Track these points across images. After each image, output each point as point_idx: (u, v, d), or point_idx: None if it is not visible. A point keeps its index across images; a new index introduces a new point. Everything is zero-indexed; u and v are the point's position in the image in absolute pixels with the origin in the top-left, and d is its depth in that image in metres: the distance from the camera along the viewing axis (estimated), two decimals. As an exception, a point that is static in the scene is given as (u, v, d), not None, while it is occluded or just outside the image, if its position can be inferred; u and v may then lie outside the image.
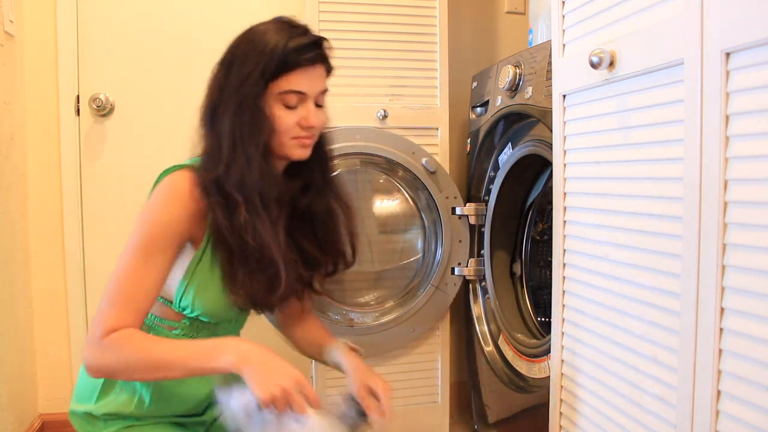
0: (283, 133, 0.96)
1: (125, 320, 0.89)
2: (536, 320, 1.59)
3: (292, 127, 0.96)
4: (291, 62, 0.93)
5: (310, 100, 0.96)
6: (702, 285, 0.73)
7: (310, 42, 0.94)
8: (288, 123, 0.95)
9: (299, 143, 0.98)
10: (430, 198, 1.66)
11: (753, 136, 0.66)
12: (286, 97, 0.94)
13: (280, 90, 0.94)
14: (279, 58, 0.92)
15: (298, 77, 0.94)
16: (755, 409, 0.66)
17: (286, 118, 0.95)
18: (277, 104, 0.95)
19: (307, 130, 0.97)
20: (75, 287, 1.74)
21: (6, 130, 1.55)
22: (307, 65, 0.94)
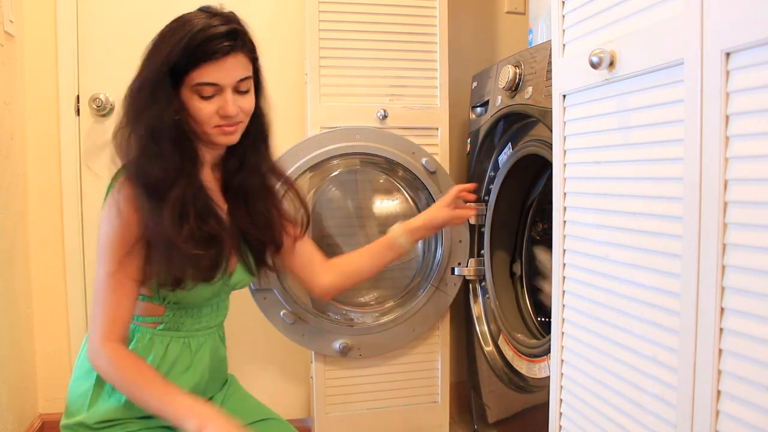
0: (204, 123, 0.98)
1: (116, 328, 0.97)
2: (536, 320, 1.59)
3: (211, 117, 0.98)
4: (200, 55, 0.94)
5: (227, 89, 0.98)
6: (702, 285, 0.73)
7: (222, 33, 0.95)
8: (206, 113, 0.97)
9: (221, 131, 1.00)
10: (430, 198, 1.66)
11: (753, 136, 0.66)
12: (200, 88, 0.96)
13: (193, 82, 0.96)
14: (185, 50, 0.94)
15: (209, 69, 0.95)
16: (755, 409, 0.66)
17: (204, 109, 0.97)
18: (193, 95, 0.97)
19: (226, 118, 0.99)
20: (75, 287, 1.74)
21: (6, 130, 1.55)
22: (218, 57, 0.95)
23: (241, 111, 1.01)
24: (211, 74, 0.96)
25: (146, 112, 0.95)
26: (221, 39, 0.95)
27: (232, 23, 0.98)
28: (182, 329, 1.05)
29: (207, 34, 0.94)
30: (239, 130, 1.03)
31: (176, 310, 1.04)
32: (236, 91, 0.99)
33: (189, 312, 1.06)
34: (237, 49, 0.97)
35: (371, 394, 1.71)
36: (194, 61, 0.95)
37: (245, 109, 1.02)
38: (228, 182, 1.10)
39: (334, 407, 1.67)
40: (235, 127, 1.02)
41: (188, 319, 1.06)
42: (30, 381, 1.71)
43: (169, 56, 0.95)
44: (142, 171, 0.95)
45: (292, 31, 1.83)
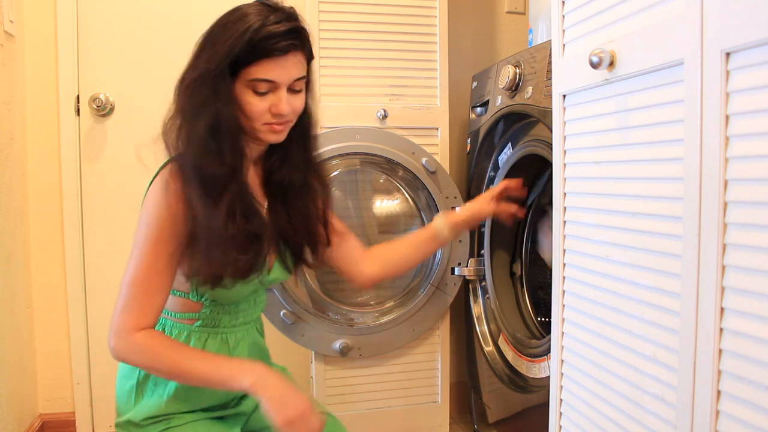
0: (255, 119, 0.97)
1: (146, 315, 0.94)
2: (536, 320, 1.59)
3: (263, 114, 0.96)
4: (261, 51, 0.93)
5: (282, 87, 0.96)
6: (702, 285, 0.73)
7: (284, 30, 0.93)
8: (258, 109, 0.96)
9: (270, 129, 0.98)
10: (430, 198, 1.66)
11: (753, 136, 0.66)
12: (256, 84, 0.94)
13: (250, 77, 0.94)
14: (248, 46, 0.92)
15: (268, 66, 0.93)
16: (755, 409, 0.66)
17: (256, 105, 0.95)
18: (247, 90, 0.95)
19: (277, 117, 0.97)
20: (75, 287, 1.74)
21: (6, 130, 1.55)
22: (278, 54, 0.93)
23: (292, 110, 0.99)
24: (270, 71, 0.94)
25: (206, 107, 0.93)
26: (284, 36, 0.93)
27: (295, 21, 0.96)
28: (219, 325, 1.05)
29: (270, 30, 0.92)
30: (287, 129, 1.01)
31: (213, 306, 1.03)
32: (290, 90, 0.98)
33: (226, 308, 1.05)
34: (297, 48, 0.96)
35: (371, 394, 1.71)
36: (254, 56, 0.93)
37: (296, 108, 1.00)
38: (269, 178, 1.08)
39: (334, 407, 1.67)
40: (284, 126, 1.00)
41: (225, 316, 1.05)
42: (30, 381, 1.71)
43: (230, 50, 0.92)
44: (199, 166, 0.93)
45: (292, 31, 1.82)
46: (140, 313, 0.93)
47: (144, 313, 0.94)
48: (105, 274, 1.76)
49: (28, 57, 1.70)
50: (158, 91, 1.77)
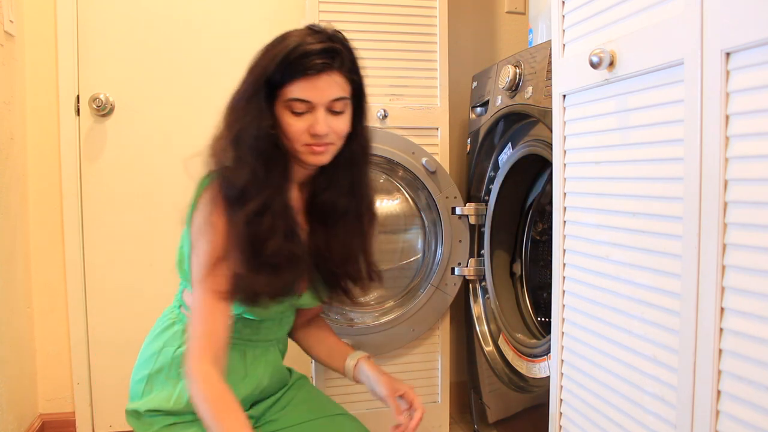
0: (294, 140, 0.96)
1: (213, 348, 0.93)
2: (536, 320, 1.59)
3: (301, 134, 0.96)
4: (294, 70, 0.93)
5: (319, 108, 0.95)
6: (702, 285, 0.73)
7: (319, 50, 0.93)
8: (296, 130, 0.95)
9: (310, 150, 0.97)
10: (430, 198, 1.66)
11: (753, 136, 0.66)
12: (292, 104, 0.94)
13: (287, 97, 0.94)
14: (280, 64, 0.93)
15: (301, 85, 0.93)
16: (755, 409, 0.66)
17: (294, 125, 0.95)
18: (286, 111, 0.95)
19: (316, 138, 0.96)
20: (75, 287, 1.74)
21: (6, 130, 1.55)
22: (312, 73, 0.93)
23: (333, 132, 0.97)
24: (303, 91, 0.93)
25: (244, 125, 0.94)
26: (316, 56, 0.93)
27: (331, 42, 0.95)
28: (241, 338, 1.05)
29: (303, 49, 0.92)
30: (330, 152, 0.99)
31: (238, 318, 1.03)
32: (329, 111, 0.96)
33: (248, 323, 1.05)
34: (332, 68, 0.94)
35: (371, 394, 1.70)
36: (288, 75, 0.93)
37: (338, 130, 0.98)
38: (312, 202, 1.06)
39: (334, 407, 1.67)
40: (325, 148, 0.98)
41: (247, 329, 1.05)
42: (30, 381, 1.71)
43: (266, 69, 0.93)
44: (235, 183, 0.93)
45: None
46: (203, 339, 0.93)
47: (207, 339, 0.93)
48: (105, 274, 1.76)
49: (28, 57, 1.70)
50: (158, 91, 1.78)
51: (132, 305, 1.77)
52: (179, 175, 1.81)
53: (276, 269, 0.95)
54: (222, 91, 1.00)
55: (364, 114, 1.05)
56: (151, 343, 1.07)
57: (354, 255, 1.08)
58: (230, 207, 0.94)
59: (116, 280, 1.76)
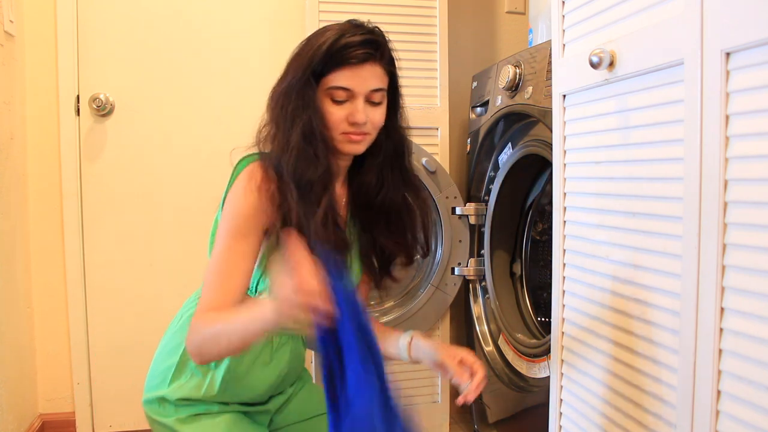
0: (333, 128, 0.99)
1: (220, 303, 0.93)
2: (536, 320, 1.59)
3: (340, 122, 0.98)
4: (338, 59, 0.96)
5: (359, 97, 0.98)
6: (702, 285, 0.73)
7: (361, 41, 0.97)
8: (336, 118, 0.98)
9: (348, 138, 1.00)
10: (430, 198, 1.66)
11: (753, 136, 0.66)
12: (333, 92, 0.98)
13: (328, 85, 0.97)
14: (325, 54, 0.96)
15: (344, 74, 0.97)
16: (755, 409, 0.66)
17: (334, 114, 0.98)
18: (326, 99, 0.98)
19: (354, 126, 0.99)
20: (75, 287, 1.74)
21: (6, 130, 1.55)
22: (354, 63, 0.96)
23: (370, 122, 1.00)
24: (346, 79, 0.97)
25: (298, 115, 0.97)
26: (358, 46, 0.97)
27: (372, 35, 1.00)
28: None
29: (346, 40, 0.97)
30: (366, 141, 1.02)
31: None
32: (368, 101, 1.00)
33: None
34: (374, 59, 0.98)
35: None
36: (331, 64, 0.96)
37: (374, 121, 1.01)
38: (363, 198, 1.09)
39: (334, 407, 1.67)
40: (362, 137, 1.01)
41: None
42: (30, 381, 1.71)
43: (312, 59, 0.97)
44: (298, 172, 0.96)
45: (293, 31, 1.82)
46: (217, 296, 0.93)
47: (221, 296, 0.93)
48: (105, 275, 1.76)
49: (28, 57, 1.70)
50: (158, 91, 1.78)
51: (132, 305, 1.77)
52: (179, 175, 1.82)
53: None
54: (222, 91, 1.00)
55: (399, 108, 1.09)
56: (178, 332, 1.08)
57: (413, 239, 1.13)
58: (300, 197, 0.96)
59: (116, 280, 1.76)
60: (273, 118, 1.01)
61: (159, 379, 1.05)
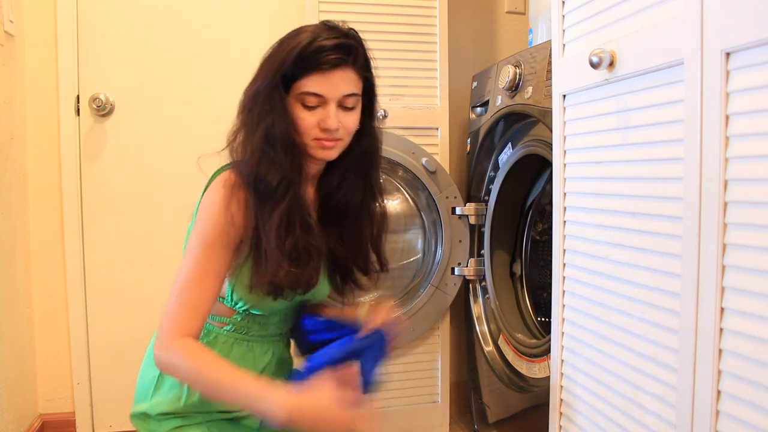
0: (304, 134, 0.97)
1: (192, 323, 0.93)
2: (536, 320, 1.59)
3: (312, 128, 0.97)
4: (309, 64, 0.94)
5: (331, 102, 0.96)
6: (702, 285, 0.73)
7: (334, 45, 0.94)
8: (307, 124, 0.96)
9: (320, 144, 0.98)
10: (430, 198, 1.66)
11: (753, 136, 0.66)
12: (304, 98, 0.96)
13: (299, 91, 0.95)
14: (297, 58, 0.94)
15: (315, 79, 0.95)
16: (755, 409, 0.66)
17: (306, 119, 0.96)
18: (297, 104, 0.96)
19: (326, 132, 0.97)
20: (75, 287, 1.74)
21: (6, 130, 1.55)
22: (326, 68, 0.94)
23: (343, 127, 0.98)
24: (317, 85, 0.95)
25: (262, 119, 0.95)
26: (330, 51, 0.94)
27: (347, 38, 0.97)
28: (248, 333, 1.05)
29: (318, 44, 0.94)
30: (338, 147, 1.01)
31: (245, 315, 1.04)
32: (341, 106, 0.97)
33: (257, 318, 1.05)
34: (346, 64, 0.96)
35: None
36: (303, 69, 0.94)
37: (347, 126, 0.99)
38: (324, 200, 1.08)
39: (334, 407, 1.67)
40: (334, 143, 0.99)
41: (255, 326, 1.05)
42: (30, 381, 1.71)
43: (282, 63, 0.95)
44: (258, 177, 0.94)
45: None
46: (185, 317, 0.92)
47: (189, 317, 0.92)
48: (105, 275, 1.76)
49: (28, 57, 1.70)
50: (158, 91, 1.78)
51: (132, 305, 1.77)
52: (179, 175, 1.82)
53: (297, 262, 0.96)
54: (222, 91, 1.00)
55: (373, 112, 1.06)
56: None
57: (366, 249, 1.10)
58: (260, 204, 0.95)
59: (116, 280, 1.76)
60: (241, 122, 0.99)
61: (142, 393, 1.04)
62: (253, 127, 0.96)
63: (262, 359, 1.08)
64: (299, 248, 0.96)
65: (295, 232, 0.95)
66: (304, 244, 0.97)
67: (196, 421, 1.01)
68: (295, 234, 0.95)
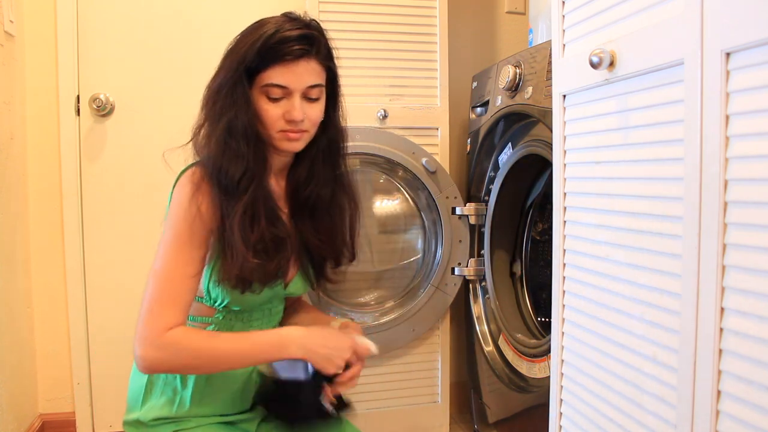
0: (270, 126, 0.97)
1: (175, 317, 0.92)
2: (536, 320, 1.59)
3: (277, 120, 0.96)
4: (273, 55, 0.93)
5: (295, 94, 0.96)
6: (702, 285, 0.73)
7: (297, 36, 0.94)
8: (272, 116, 0.96)
9: (285, 136, 0.98)
10: (430, 198, 1.66)
11: (753, 136, 0.66)
12: (269, 90, 0.95)
13: (263, 83, 0.95)
14: (259, 50, 0.93)
15: (279, 71, 0.94)
16: (755, 409, 0.66)
17: (270, 111, 0.96)
18: (262, 96, 0.96)
19: (291, 124, 0.97)
20: (75, 287, 1.74)
21: (6, 130, 1.55)
22: (290, 59, 0.94)
23: (308, 118, 0.98)
24: (281, 76, 0.94)
25: (225, 112, 0.95)
26: (294, 42, 0.94)
27: (308, 29, 0.96)
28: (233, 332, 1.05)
29: (280, 35, 0.93)
30: (304, 139, 1.00)
31: (226, 313, 1.03)
32: (305, 98, 0.97)
33: (239, 316, 1.04)
34: (310, 55, 0.95)
35: (371, 394, 1.71)
36: (267, 61, 0.94)
37: (312, 117, 0.99)
38: (294, 192, 1.07)
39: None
40: (300, 135, 0.99)
41: (238, 323, 1.05)
42: (30, 381, 1.71)
43: (245, 56, 0.94)
44: (221, 170, 0.94)
45: (292, 31, 1.83)
46: (167, 316, 0.91)
47: (171, 315, 0.91)
48: (105, 274, 1.76)
49: (28, 57, 1.70)
50: (158, 91, 1.78)
51: (132, 305, 1.76)
52: (179, 175, 1.81)
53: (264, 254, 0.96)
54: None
55: (337, 103, 1.07)
56: None
57: (340, 240, 1.10)
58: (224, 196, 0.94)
59: (116, 280, 1.76)
60: (204, 115, 0.98)
61: (133, 400, 1.03)
62: (216, 120, 0.96)
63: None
64: (265, 239, 0.96)
65: (260, 223, 0.95)
66: (270, 236, 0.96)
67: (191, 425, 1.00)
68: (260, 225, 0.95)
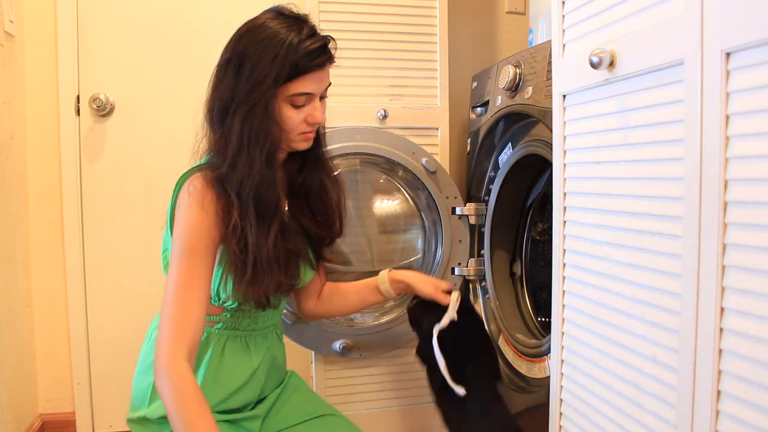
0: (291, 131, 1.00)
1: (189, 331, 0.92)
2: (536, 320, 1.59)
3: (299, 125, 1.00)
4: (303, 68, 0.96)
5: (317, 97, 1.01)
6: (702, 285, 0.73)
7: (320, 47, 0.97)
8: (296, 122, 0.99)
9: (304, 137, 1.03)
10: (430, 198, 1.66)
11: (753, 136, 0.66)
12: (295, 98, 0.98)
13: (291, 93, 0.97)
14: (292, 65, 0.95)
15: (308, 81, 0.97)
16: (755, 409, 0.66)
17: (294, 118, 0.99)
18: (286, 105, 0.98)
19: (312, 125, 1.02)
20: (75, 287, 1.74)
21: (6, 130, 1.55)
22: (318, 70, 0.98)
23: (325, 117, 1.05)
24: (309, 85, 0.98)
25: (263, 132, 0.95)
26: (322, 51, 0.98)
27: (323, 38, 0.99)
28: (239, 328, 1.07)
29: (308, 48, 0.96)
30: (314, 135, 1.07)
31: (234, 311, 1.05)
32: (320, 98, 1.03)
33: (246, 313, 1.07)
34: (331, 61, 1.01)
35: (371, 394, 1.70)
36: (298, 73, 0.96)
37: (324, 114, 1.05)
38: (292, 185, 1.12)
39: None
40: (314, 133, 1.05)
41: (245, 320, 1.07)
42: (30, 381, 1.71)
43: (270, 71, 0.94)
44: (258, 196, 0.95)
45: (292, 31, 1.83)
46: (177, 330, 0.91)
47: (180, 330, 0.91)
48: (105, 274, 1.76)
49: (28, 57, 1.70)
50: (158, 91, 1.78)
51: (132, 305, 1.77)
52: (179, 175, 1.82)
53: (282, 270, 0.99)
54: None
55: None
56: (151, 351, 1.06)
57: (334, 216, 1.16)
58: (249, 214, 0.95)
59: (116, 280, 1.76)
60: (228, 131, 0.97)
61: (139, 399, 1.04)
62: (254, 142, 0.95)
63: (257, 353, 1.08)
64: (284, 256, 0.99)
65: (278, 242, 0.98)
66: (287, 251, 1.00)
67: None
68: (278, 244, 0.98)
